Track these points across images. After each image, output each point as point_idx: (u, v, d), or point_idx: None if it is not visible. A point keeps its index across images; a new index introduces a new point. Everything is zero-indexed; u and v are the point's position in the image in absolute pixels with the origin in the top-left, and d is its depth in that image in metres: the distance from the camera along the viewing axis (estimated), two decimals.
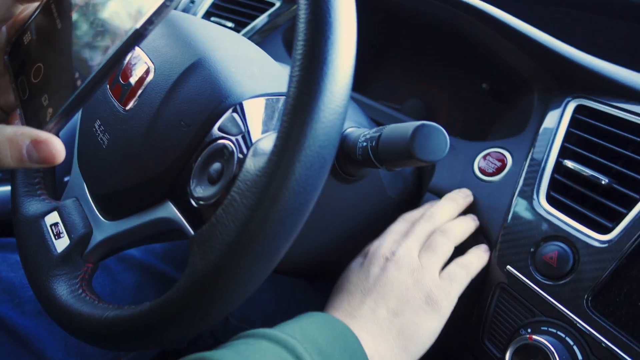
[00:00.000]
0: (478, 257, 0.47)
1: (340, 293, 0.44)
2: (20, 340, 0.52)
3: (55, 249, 0.44)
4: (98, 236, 0.44)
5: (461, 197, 0.50)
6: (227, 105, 0.40)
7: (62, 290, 0.42)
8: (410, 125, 0.38)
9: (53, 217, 0.46)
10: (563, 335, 0.41)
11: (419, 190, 0.56)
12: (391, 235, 0.47)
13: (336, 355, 0.36)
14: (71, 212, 0.46)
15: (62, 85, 0.30)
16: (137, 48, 0.46)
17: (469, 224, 0.48)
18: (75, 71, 0.30)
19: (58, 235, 0.45)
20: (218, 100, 0.40)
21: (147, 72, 0.44)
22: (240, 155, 0.37)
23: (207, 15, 0.83)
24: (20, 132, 0.29)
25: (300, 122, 0.31)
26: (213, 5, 0.83)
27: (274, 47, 0.76)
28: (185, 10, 0.85)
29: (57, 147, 0.29)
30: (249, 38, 0.75)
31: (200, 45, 0.44)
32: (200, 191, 0.38)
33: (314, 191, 0.31)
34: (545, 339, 0.41)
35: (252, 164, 0.34)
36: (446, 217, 0.48)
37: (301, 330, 0.37)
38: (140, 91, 0.44)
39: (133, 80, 0.44)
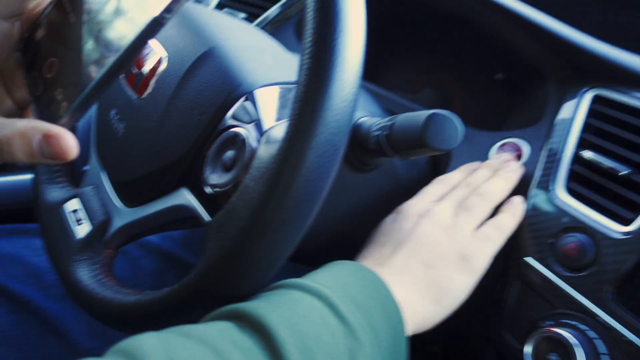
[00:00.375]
0: (512, 216, 0.46)
1: (371, 244, 0.44)
2: (46, 323, 0.53)
3: (77, 235, 0.44)
4: (117, 223, 0.44)
5: (498, 163, 0.49)
6: (240, 94, 0.40)
7: (84, 275, 0.42)
8: (423, 113, 0.38)
9: (73, 204, 0.47)
10: (584, 328, 0.41)
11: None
12: (426, 196, 0.46)
13: (369, 303, 0.35)
14: (91, 199, 0.47)
15: (77, 78, 0.30)
16: None
17: (508, 180, 0.47)
18: (90, 64, 0.30)
19: (78, 222, 0.45)
20: (230, 88, 0.40)
21: (159, 61, 0.44)
22: (253, 143, 0.37)
23: (220, 7, 0.83)
24: (31, 126, 0.28)
25: (311, 109, 0.31)
26: None
27: (286, 38, 0.76)
28: (198, 1, 0.85)
29: (68, 143, 0.28)
30: (262, 29, 0.75)
31: (212, 34, 0.45)
32: (215, 178, 0.38)
33: (327, 178, 0.32)
34: (566, 332, 0.40)
35: (265, 152, 0.34)
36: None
37: (332, 278, 0.36)
38: (153, 80, 0.44)
39: (146, 68, 0.45)
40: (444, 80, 0.71)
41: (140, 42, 0.29)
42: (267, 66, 0.44)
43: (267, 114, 0.39)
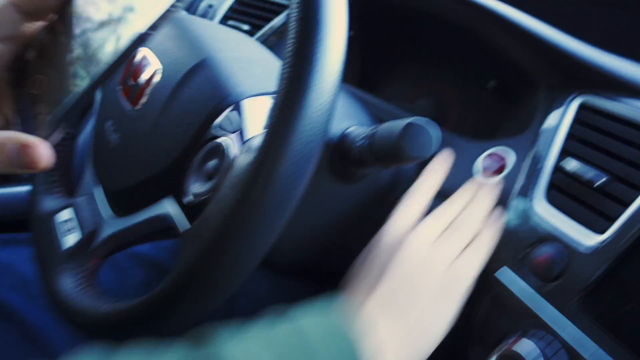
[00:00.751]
0: (490, 233, 0.45)
1: (356, 276, 0.43)
2: (28, 334, 0.53)
3: (64, 245, 0.45)
4: (105, 232, 0.45)
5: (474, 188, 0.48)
6: (227, 104, 0.41)
7: (67, 284, 0.43)
8: (402, 122, 0.39)
9: (66, 214, 0.48)
10: (550, 339, 0.40)
11: None
12: (402, 221, 0.45)
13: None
14: (83, 208, 0.48)
15: (60, 93, 0.31)
16: (147, 49, 0.48)
17: (484, 203, 0.46)
18: (74, 79, 0.31)
19: (69, 231, 0.46)
20: (218, 99, 0.41)
21: (155, 72, 0.46)
22: (234, 152, 0.38)
23: (225, 19, 0.84)
24: (8, 137, 0.29)
25: (285, 118, 0.31)
26: (230, 9, 0.85)
27: None
28: (204, 14, 0.87)
29: (42, 152, 0.29)
30: (266, 39, 0.77)
31: (205, 46, 0.46)
32: (197, 187, 0.39)
33: (299, 186, 0.32)
34: (529, 345, 0.40)
35: (243, 160, 0.35)
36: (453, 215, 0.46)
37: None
38: (148, 91, 0.45)
39: (142, 79, 0.46)
40: (439, 89, 0.71)
41: (124, 57, 0.30)
42: (257, 77, 0.45)
43: (251, 124, 0.40)
